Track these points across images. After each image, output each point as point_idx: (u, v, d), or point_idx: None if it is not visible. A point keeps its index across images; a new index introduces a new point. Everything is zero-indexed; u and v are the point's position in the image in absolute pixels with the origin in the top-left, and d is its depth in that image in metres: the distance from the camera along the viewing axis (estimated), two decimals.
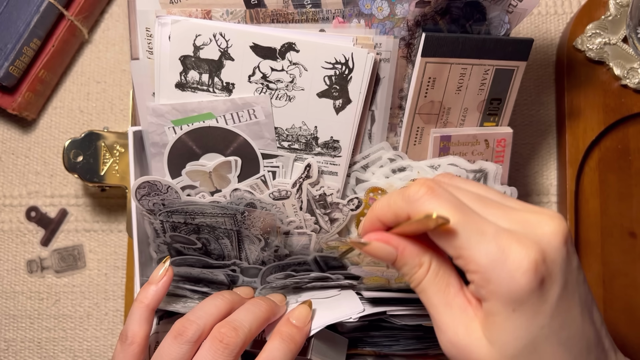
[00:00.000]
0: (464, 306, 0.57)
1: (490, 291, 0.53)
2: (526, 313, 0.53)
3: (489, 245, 0.53)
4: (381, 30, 0.79)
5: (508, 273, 0.52)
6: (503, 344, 0.54)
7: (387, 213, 0.60)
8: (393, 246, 0.59)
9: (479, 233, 0.54)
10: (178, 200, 0.78)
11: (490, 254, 0.53)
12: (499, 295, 0.53)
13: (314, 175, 0.81)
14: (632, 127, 1.04)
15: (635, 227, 1.03)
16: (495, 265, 0.52)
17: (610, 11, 1.03)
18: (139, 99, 0.81)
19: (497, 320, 0.54)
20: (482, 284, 0.54)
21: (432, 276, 0.59)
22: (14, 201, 1.08)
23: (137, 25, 0.79)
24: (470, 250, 0.54)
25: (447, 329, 0.57)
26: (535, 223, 0.55)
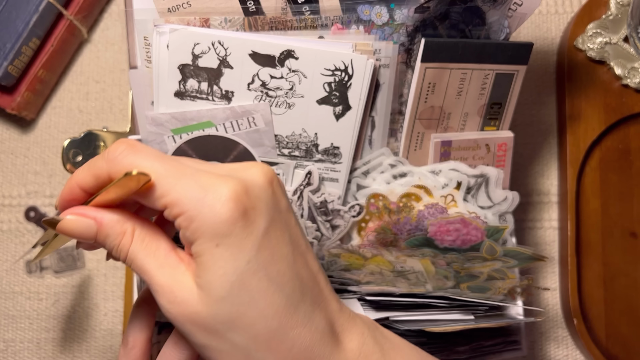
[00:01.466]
0: (175, 264, 0.55)
1: (193, 230, 0.52)
2: (231, 247, 0.51)
3: (188, 183, 0.52)
4: (380, 36, 0.79)
5: (209, 206, 0.51)
6: (211, 284, 0.52)
7: (86, 176, 0.56)
8: (90, 218, 0.55)
9: (180, 176, 0.53)
10: None
11: (190, 191, 0.52)
12: (202, 231, 0.51)
13: (315, 182, 0.81)
14: (633, 127, 1.04)
15: (636, 227, 1.02)
16: (196, 201, 0.51)
17: (611, 10, 1.02)
18: (138, 108, 0.81)
19: (204, 260, 0.52)
20: (185, 225, 0.52)
21: (139, 242, 0.55)
22: (13, 201, 1.07)
23: (135, 34, 0.78)
24: (171, 195, 0.52)
25: (163, 290, 0.54)
26: (240, 169, 0.55)
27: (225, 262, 0.51)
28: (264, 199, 0.53)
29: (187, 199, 0.51)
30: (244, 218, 0.51)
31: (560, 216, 1.05)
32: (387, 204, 0.83)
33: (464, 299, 0.80)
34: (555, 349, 1.05)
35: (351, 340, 0.57)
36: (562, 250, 1.03)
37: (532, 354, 1.05)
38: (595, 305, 1.01)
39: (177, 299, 0.53)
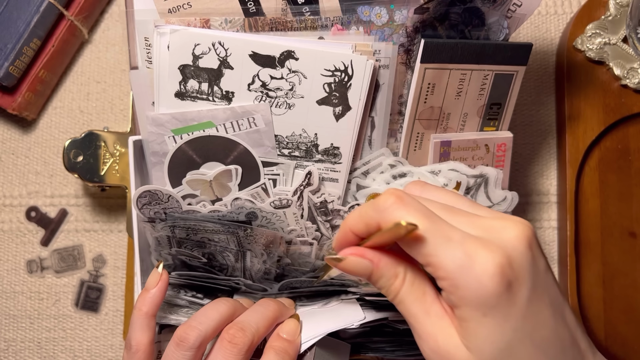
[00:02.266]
0: (441, 314, 0.57)
1: (459, 297, 0.54)
2: (497, 317, 0.53)
3: (455, 251, 0.53)
4: (380, 37, 0.79)
5: (475, 278, 0.52)
6: (480, 349, 0.54)
7: (358, 224, 0.60)
8: (368, 259, 0.59)
9: (446, 239, 0.54)
10: (179, 209, 0.78)
11: (457, 260, 0.53)
12: (468, 300, 0.53)
13: (315, 182, 0.81)
14: (632, 127, 1.04)
15: (635, 227, 1.03)
16: (462, 270, 0.53)
17: (610, 11, 1.02)
18: (139, 108, 0.81)
19: (470, 326, 0.54)
20: (451, 290, 0.54)
21: (409, 286, 0.59)
22: (14, 201, 1.08)
23: (136, 35, 0.78)
24: (437, 257, 0.54)
25: (428, 337, 0.57)
26: (500, 229, 0.55)
27: (493, 331, 0.53)
28: (526, 267, 0.54)
29: (453, 266, 0.53)
30: (508, 291, 0.53)
31: (559, 216, 1.05)
32: None
33: None
34: None
35: None
36: (562, 250, 1.03)
37: None
38: (595, 304, 1.01)
39: (442, 350, 0.56)
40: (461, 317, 0.55)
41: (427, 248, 0.54)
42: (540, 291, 0.55)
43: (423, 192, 0.64)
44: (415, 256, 0.56)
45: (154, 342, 0.75)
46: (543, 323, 0.55)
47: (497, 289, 0.52)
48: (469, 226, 0.56)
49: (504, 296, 0.52)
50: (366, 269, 0.60)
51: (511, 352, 0.54)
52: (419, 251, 0.55)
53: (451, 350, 0.55)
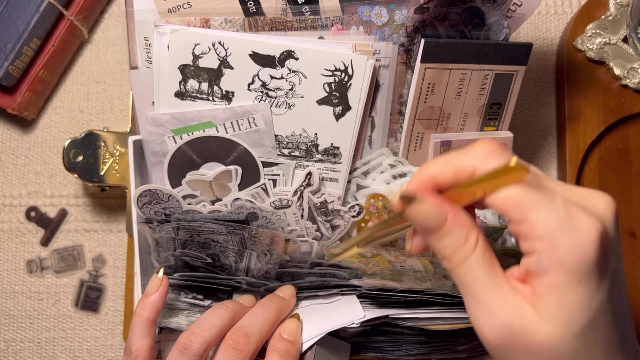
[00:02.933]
0: (513, 289, 0.52)
1: (556, 259, 0.50)
2: (591, 285, 0.50)
3: (559, 209, 0.50)
4: (380, 37, 0.79)
5: (578, 240, 0.49)
6: (566, 320, 0.50)
7: (444, 169, 0.55)
8: (446, 211, 0.53)
9: (550, 196, 0.50)
10: (179, 209, 0.78)
11: (560, 218, 0.50)
12: (565, 263, 0.49)
13: (315, 183, 0.81)
14: (632, 127, 1.04)
15: (635, 227, 1.03)
16: (564, 230, 0.49)
17: (610, 11, 1.02)
18: (139, 108, 0.81)
19: (561, 294, 0.50)
20: (547, 252, 0.50)
21: (481, 253, 0.53)
22: (13, 201, 1.08)
23: (136, 34, 0.78)
24: (538, 213, 0.50)
25: (498, 311, 0.52)
26: (590, 198, 0.53)
27: (584, 300, 0.50)
28: (616, 239, 0.52)
29: (555, 225, 0.50)
30: (605, 261, 0.50)
31: None
32: (386, 204, 0.83)
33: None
34: None
35: None
36: None
37: None
38: None
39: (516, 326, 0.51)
40: (550, 285, 0.51)
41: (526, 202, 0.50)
42: (620, 264, 0.53)
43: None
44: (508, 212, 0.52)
45: (154, 347, 0.75)
46: (619, 296, 0.53)
47: (597, 256, 0.49)
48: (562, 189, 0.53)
49: (601, 266, 0.50)
50: (438, 220, 0.53)
51: (594, 324, 0.51)
52: (515, 206, 0.51)
53: (529, 325, 0.51)
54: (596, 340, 0.52)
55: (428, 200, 0.53)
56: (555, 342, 0.51)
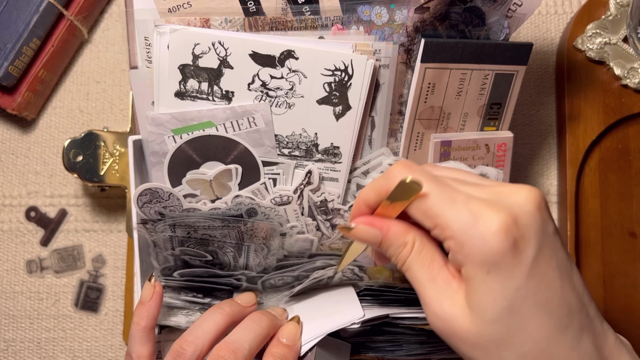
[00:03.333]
0: (448, 279, 0.58)
1: (464, 255, 0.55)
2: (501, 274, 0.54)
3: (460, 209, 0.55)
4: (380, 37, 0.79)
5: (479, 234, 0.54)
6: (482, 308, 0.55)
7: (369, 193, 0.62)
8: (378, 228, 0.61)
9: (451, 200, 0.56)
10: (179, 208, 0.78)
11: (461, 218, 0.55)
12: (472, 257, 0.54)
13: (315, 181, 0.81)
14: (632, 127, 1.04)
15: (636, 227, 1.03)
16: (467, 228, 0.54)
17: (611, 11, 1.02)
18: (138, 108, 0.81)
19: (474, 284, 0.55)
20: (456, 249, 0.55)
21: (416, 253, 0.60)
22: (13, 201, 1.08)
23: (136, 34, 0.78)
24: (443, 217, 0.56)
25: (432, 302, 0.58)
26: (509, 193, 0.57)
27: (495, 288, 0.54)
28: (533, 227, 0.55)
29: (458, 225, 0.55)
30: (513, 248, 0.53)
31: (559, 216, 1.05)
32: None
33: None
34: None
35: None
36: None
37: None
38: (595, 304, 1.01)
39: (445, 314, 0.57)
40: (466, 276, 0.56)
41: (432, 210, 0.57)
42: (547, 253, 0.55)
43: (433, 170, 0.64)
44: (422, 220, 0.58)
45: (154, 353, 0.75)
46: (548, 285, 0.55)
47: (500, 246, 0.53)
48: (476, 191, 0.58)
49: (509, 254, 0.53)
50: (375, 237, 0.62)
51: (513, 311, 0.54)
52: (426, 214, 0.57)
53: (455, 313, 0.56)
54: (522, 326, 0.55)
55: (359, 225, 0.63)
56: (477, 328, 0.56)
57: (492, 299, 0.54)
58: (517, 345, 0.55)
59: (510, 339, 0.55)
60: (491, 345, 0.55)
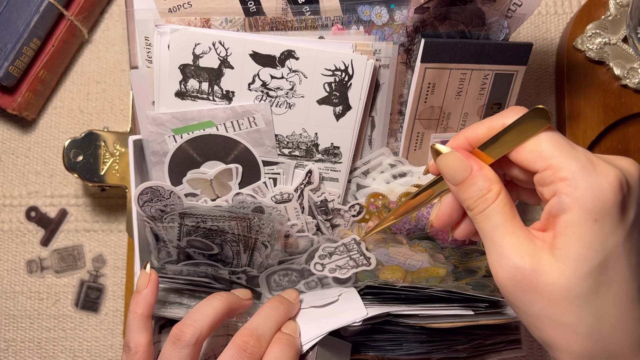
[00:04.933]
0: (530, 236, 0.57)
1: (575, 198, 0.54)
2: (606, 226, 0.53)
3: (579, 155, 0.55)
4: (380, 37, 0.79)
5: (596, 180, 0.53)
6: (578, 258, 0.54)
7: (478, 128, 0.62)
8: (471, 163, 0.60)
9: (570, 145, 0.56)
10: (180, 207, 0.78)
11: (580, 162, 0.54)
12: (584, 202, 0.53)
13: (315, 181, 0.81)
14: (632, 127, 1.04)
15: None
16: (585, 171, 0.54)
17: (610, 11, 1.02)
18: (139, 107, 0.81)
19: (576, 231, 0.54)
20: (568, 191, 0.54)
21: (501, 203, 0.58)
22: (13, 201, 1.08)
23: (136, 34, 0.78)
24: (560, 158, 0.55)
25: (512, 254, 0.56)
26: (614, 158, 0.57)
27: (598, 239, 0.53)
28: (637, 192, 0.56)
29: (576, 167, 0.54)
30: (622, 204, 0.54)
31: None
32: (386, 203, 0.83)
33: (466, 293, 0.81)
34: None
35: None
36: None
37: (531, 353, 1.05)
38: None
39: (528, 266, 0.55)
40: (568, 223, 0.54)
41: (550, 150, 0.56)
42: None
43: None
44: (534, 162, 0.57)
45: (152, 342, 0.75)
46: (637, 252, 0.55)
47: (614, 197, 0.53)
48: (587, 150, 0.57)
49: (618, 208, 0.53)
50: (464, 170, 0.60)
51: (606, 267, 0.54)
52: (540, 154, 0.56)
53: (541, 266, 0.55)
54: (609, 285, 0.54)
55: (455, 152, 0.61)
56: (566, 280, 0.54)
57: (593, 249, 0.53)
58: (598, 306, 0.54)
59: (594, 297, 0.54)
60: (574, 302, 0.54)
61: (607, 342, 0.55)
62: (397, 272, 0.85)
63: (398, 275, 0.86)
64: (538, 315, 0.56)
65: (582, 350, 0.55)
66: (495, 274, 0.58)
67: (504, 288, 0.57)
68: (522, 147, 0.58)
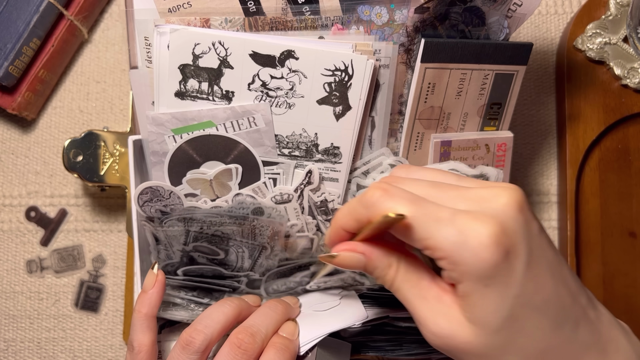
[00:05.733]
0: (439, 296, 0.58)
1: (460, 273, 0.55)
2: (498, 286, 0.54)
3: (447, 229, 0.54)
4: (380, 37, 0.79)
5: (471, 251, 0.53)
6: (484, 321, 0.55)
7: (349, 221, 0.62)
8: (360, 253, 0.61)
9: (436, 221, 0.55)
10: (180, 206, 0.78)
11: (450, 237, 0.54)
12: (468, 274, 0.54)
13: (315, 181, 0.81)
14: (632, 127, 1.04)
15: (635, 227, 1.03)
16: (458, 246, 0.54)
17: (611, 11, 1.02)
18: (139, 108, 0.81)
19: (473, 299, 0.55)
20: (451, 268, 0.55)
21: (403, 274, 0.60)
22: (13, 201, 1.08)
23: (136, 34, 0.78)
24: (432, 239, 0.55)
25: (427, 321, 0.58)
26: (490, 197, 0.56)
27: (495, 300, 0.55)
28: (520, 233, 0.55)
29: (448, 244, 0.54)
30: (506, 259, 0.54)
31: (559, 216, 1.05)
32: None
33: None
34: None
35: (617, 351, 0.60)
36: (562, 250, 1.03)
37: None
38: None
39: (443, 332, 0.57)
40: (464, 292, 0.56)
41: (420, 233, 0.56)
42: (537, 254, 0.56)
43: (409, 174, 0.65)
44: (411, 243, 0.57)
45: (155, 342, 0.75)
46: (542, 285, 0.56)
47: (494, 259, 0.53)
48: (458, 200, 0.57)
49: (503, 265, 0.53)
50: (359, 262, 0.61)
51: (514, 318, 0.55)
52: (413, 237, 0.57)
53: (454, 329, 0.57)
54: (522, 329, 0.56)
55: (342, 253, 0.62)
56: (481, 340, 0.56)
57: (493, 310, 0.55)
58: (519, 349, 0.56)
59: (513, 343, 0.56)
60: (495, 352, 0.56)
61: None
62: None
63: None
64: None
65: None
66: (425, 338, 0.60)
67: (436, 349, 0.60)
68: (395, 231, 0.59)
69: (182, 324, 0.82)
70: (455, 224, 0.55)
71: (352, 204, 0.61)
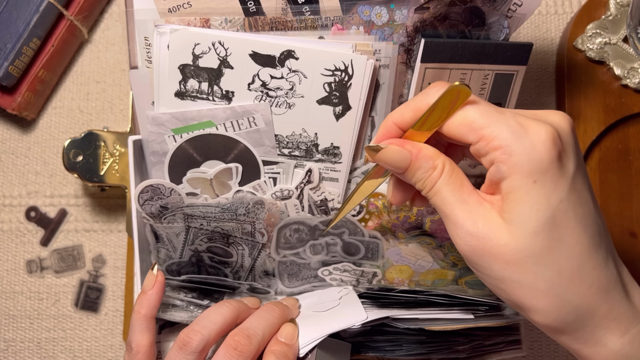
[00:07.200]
0: (479, 201, 0.59)
1: (511, 164, 0.55)
2: (546, 184, 0.55)
3: (509, 120, 0.56)
4: (380, 37, 0.79)
5: (529, 143, 0.54)
6: (525, 219, 0.55)
7: (404, 112, 0.62)
8: (408, 150, 0.61)
9: (498, 112, 0.57)
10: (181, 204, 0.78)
11: (511, 127, 0.55)
12: (520, 166, 0.55)
13: (315, 180, 0.81)
14: (632, 127, 1.04)
15: (636, 227, 1.03)
16: (516, 137, 0.55)
17: (611, 11, 1.02)
18: (139, 107, 0.81)
19: (518, 195, 0.55)
20: (503, 159, 0.55)
21: (447, 177, 0.60)
22: (13, 201, 1.08)
23: (136, 34, 0.78)
24: (490, 128, 0.56)
25: (465, 222, 0.58)
26: (544, 115, 0.58)
27: (540, 198, 0.55)
28: (572, 145, 0.57)
29: (507, 134, 0.55)
30: (559, 160, 0.55)
31: None
32: (386, 203, 0.83)
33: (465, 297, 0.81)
34: (555, 349, 1.05)
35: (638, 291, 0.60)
36: None
37: (531, 353, 1.05)
38: None
39: (480, 232, 0.57)
40: (509, 188, 0.56)
41: (479, 121, 0.57)
42: (581, 172, 0.57)
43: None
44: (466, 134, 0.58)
45: (154, 343, 0.75)
46: (585, 201, 0.56)
47: (549, 155, 0.54)
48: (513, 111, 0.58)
49: (555, 164, 0.55)
50: (404, 160, 0.61)
51: (555, 223, 0.55)
52: (471, 126, 0.57)
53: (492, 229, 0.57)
54: (561, 240, 0.56)
55: (390, 145, 0.62)
56: (517, 241, 0.56)
57: (537, 209, 0.55)
58: (553, 261, 0.56)
59: (548, 253, 0.56)
60: (528, 261, 0.56)
61: (570, 295, 0.56)
62: (405, 272, 0.85)
63: (404, 276, 0.86)
64: (499, 277, 0.58)
65: (547, 306, 0.57)
66: (455, 245, 0.60)
67: (464, 256, 0.59)
68: (451, 121, 0.59)
69: (183, 324, 0.82)
70: (516, 118, 0.56)
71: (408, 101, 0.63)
